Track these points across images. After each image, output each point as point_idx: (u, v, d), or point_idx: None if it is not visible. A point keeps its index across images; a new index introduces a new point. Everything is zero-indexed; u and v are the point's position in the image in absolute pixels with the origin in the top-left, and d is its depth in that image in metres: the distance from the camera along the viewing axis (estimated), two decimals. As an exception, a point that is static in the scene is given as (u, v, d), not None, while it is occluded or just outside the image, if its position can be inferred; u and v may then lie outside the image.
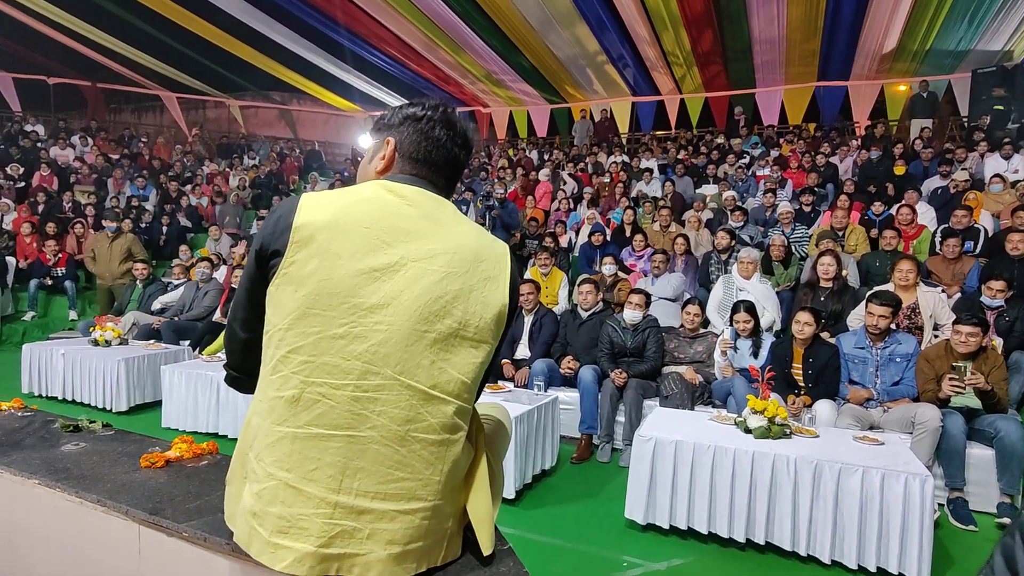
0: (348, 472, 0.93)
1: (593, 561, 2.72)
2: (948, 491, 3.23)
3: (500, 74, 12.71)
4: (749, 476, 2.74)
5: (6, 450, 1.66)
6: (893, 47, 10.17)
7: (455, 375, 0.99)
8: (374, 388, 0.94)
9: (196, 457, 1.63)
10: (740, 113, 12.26)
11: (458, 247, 1.02)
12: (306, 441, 0.93)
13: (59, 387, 5.01)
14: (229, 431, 4.17)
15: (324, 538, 0.92)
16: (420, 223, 1.01)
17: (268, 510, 0.94)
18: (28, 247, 8.12)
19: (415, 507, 0.97)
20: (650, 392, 4.15)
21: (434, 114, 1.11)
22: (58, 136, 12.32)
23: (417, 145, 1.10)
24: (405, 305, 0.95)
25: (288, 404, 0.94)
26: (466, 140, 1.15)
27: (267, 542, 0.94)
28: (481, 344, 1.03)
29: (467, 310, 1.00)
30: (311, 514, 0.93)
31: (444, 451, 0.99)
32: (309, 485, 0.93)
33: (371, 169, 1.13)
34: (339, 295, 0.93)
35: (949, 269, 5.14)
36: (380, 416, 0.94)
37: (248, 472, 1.00)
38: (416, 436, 0.96)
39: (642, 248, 6.52)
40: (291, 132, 17.02)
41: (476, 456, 1.11)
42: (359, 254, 0.95)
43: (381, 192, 1.03)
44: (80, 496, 1.40)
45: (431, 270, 0.98)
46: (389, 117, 1.14)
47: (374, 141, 1.15)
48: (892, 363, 3.66)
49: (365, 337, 0.94)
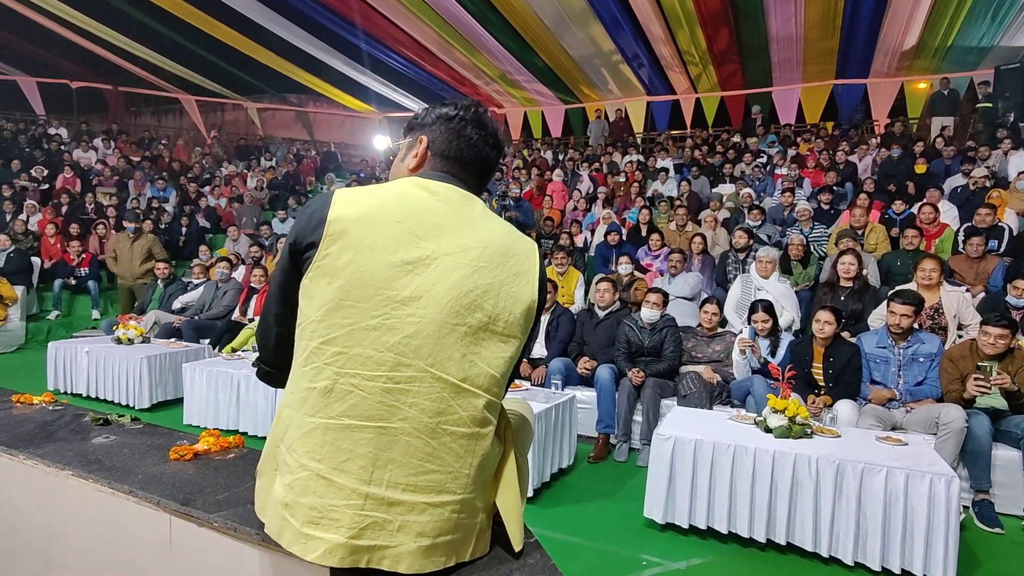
0: (379, 463, 0.94)
1: (612, 559, 2.72)
2: (973, 493, 3.18)
3: (515, 74, 12.73)
4: (770, 476, 2.72)
5: (39, 442, 1.70)
6: (913, 44, 10.03)
7: (485, 369, 1.00)
8: (406, 380, 0.95)
9: (223, 450, 1.66)
10: (757, 112, 12.16)
11: (488, 242, 1.03)
12: (338, 432, 0.94)
13: (84, 384, 5.11)
14: (249, 428, 4.22)
15: (355, 529, 0.93)
16: (451, 218, 1.03)
17: (300, 500, 0.95)
18: (52, 248, 8.28)
19: (445, 500, 0.97)
20: (668, 391, 4.13)
21: (466, 114, 1.13)
22: (80, 139, 12.56)
23: (449, 143, 1.11)
24: (437, 298, 0.96)
25: (321, 395, 0.95)
26: (497, 140, 1.17)
27: (298, 532, 0.95)
28: (510, 339, 1.04)
29: (497, 304, 1.01)
30: (342, 505, 0.93)
31: (474, 445, 1.00)
32: (340, 476, 0.94)
33: (404, 167, 1.15)
34: (372, 287, 0.95)
35: (973, 268, 5.06)
36: (412, 408, 0.95)
37: (279, 464, 1.00)
38: (446, 429, 0.97)
39: (658, 248, 6.50)
40: (307, 134, 17.19)
41: (505, 451, 1.12)
42: (392, 247, 0.96)
43: (413, 188, 1.04)
44: (112, 487, 1.43)
45: (462, 264, 0.99)
46: (423, 116, 1.16)
47: (407, 140, 1.17)
48: (915, 363, 3.61)
49: (398, 329, 0.95)
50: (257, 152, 14.33)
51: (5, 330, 7.01)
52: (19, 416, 1.97)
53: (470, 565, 1.04)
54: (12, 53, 13.14)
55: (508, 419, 1.19)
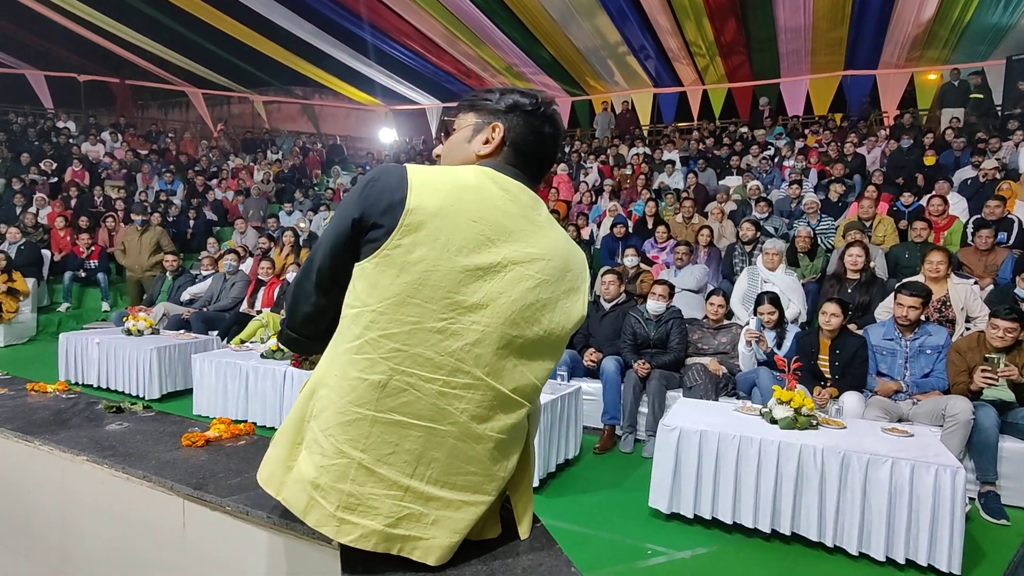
0: (423, 461, 0.95)
1: (617, 549, 2.74)
2: (979, 485, 3.17)
3: (521, 67, 12.69)
4: (775, 466, 2.73)
5: (55, 429, 1.73)
6: (924, 34, 9.92)
7: (531, 379, 1.01)
8: (461, 386, 0.95)
9: (234, 437, 1.68)
10: (765, 104, 12.07)
11: (552, 254, 1.02)
12: (386, 426, 0.94)
13: (95, 375, 5.16)
14: (258, 418, 4.26)
15: (392, 519, 0.95)
16: (520, 223, 1.01)
17: (336, 486, 0.95)
18: (62, 240, 8.35)
19: (479, 500, 1.00)
20: (673, 383, 4.14)
21: (546, 109, 1.11)
22: (89, 132, 12.63)
23: (525, 138, 1.09)
24: (502, 308, 0.96)
25: (372, 388, 0.94)
26: (560, 139, 1.16)
27: (331, 515, 0.95)
28: (557, 352, 1.05)
29: (552, 320, 1.02)
30: (382, 495, 0.95)
31: (510, 450, 1.03)
32: (383, 468, 0.95)
33: (470, 150, 1.10)
34: (442, 288, 0.93)
35: (982, 261, 5.03)
36: (462, 413, 0.96)
37: (307, 441, 0.99)
38: (490, 435, 0.98)
39: (665, 240, 6.49)
40: (313, 127, 17.21)
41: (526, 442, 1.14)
42: (466, 249, 0.94)
43: (487, 182, 1.02)
44: (127, 472, 1.46)
45: (528, 275, 0.98)
46: (495, 100, 1.11)
47: (475, 120, 1.11)
48: (922, 355, 3.60)
49: (461, 335, 0.94)
50: (263, 145, 14.38)
51: (17, 322, 7.09)
52: (34, 404, 2.00)
53: (478, 546, 1.06)
54: (19, 47, 13.21)
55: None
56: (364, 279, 0.95)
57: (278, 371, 4.17)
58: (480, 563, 1.01)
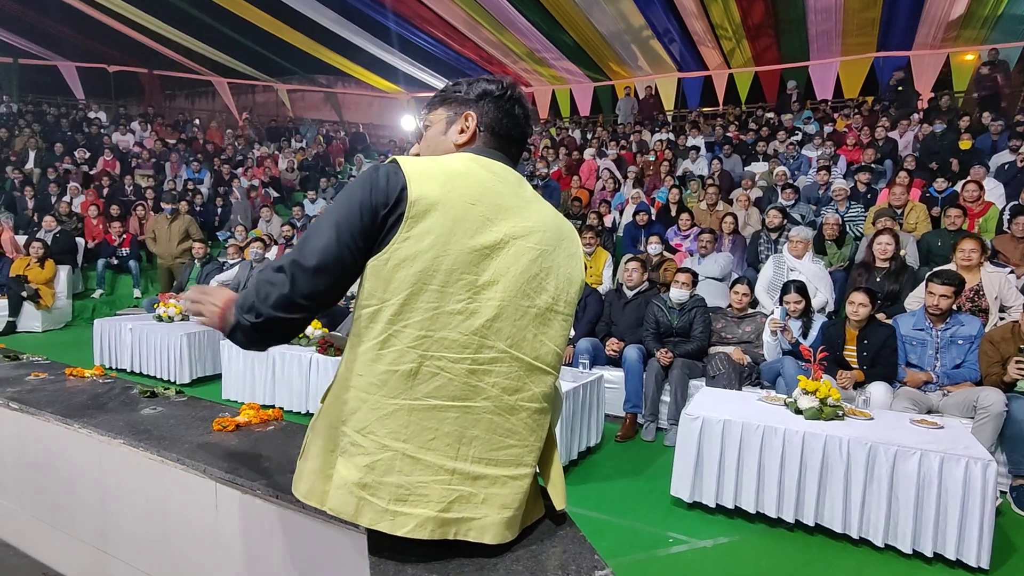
0: (464, 440, 0.98)
1: (638, 536, 2.75)
2: (1011, 478, 3.11)
3: (542, 52, 12.57)
4: (799, 457, 2.70)
5: (92, 412, 1.80)
6: (961, 13, 9.56)
7: (552, 347, 1.07)
8: (488, 361, 0.99)
9: (263, 423, 1.73)
10: (793, 88, 11.77)
11: (546, 225, 1.08)
12: (423, 412, 0.97)
13: (128, 360, 5.32)
14: (285, 403, 4.35)
15: (444, 503, 0.97)
16: (512, 200, 1.06)
17: (384, 480, 0.97)
18: (95, 229, 8.57)
19: (523, 472, 1.03)
20: (696, 372, 4.11)
21: (513, 92, 1.15)
22: (118, 122, 12.88)
23: (499, 122, 1.13)
24: (512, 281, 1.01)
25: (404, 377, 0.96)
26: (531, 118, 1.21)
27: (384, 510, 0.97)
28: (569, 317, 1.11)
29: (558, 286, 1.07)
30: (430, 481, 0.97)
31: (543, 418, 1.07)
32: (427, 454, 0.97)
33: (448, 141, 1.14)
34: (455, 272, 0.97)
35: (1018, 248, 4.87)
36: (494, 387, 1.00)
37: (343, 446, 0.99)
38: (523, 405, 1.03)
39: (688, 227, 6.41)
40: (336, 115, 17.32)
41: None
42: (470, 231, 0.98)
43: (474, 166, 1.06)
44: (161, 455, 1.51)
45: (528, 247, 1.04)
46: (464, 91, 1.15)
47: (446, 113, 1.15)
48: (954, 345, 3.52)
49: (480, 313, 0.98)
50: (288, 133, 14.51)
51: (55, 308, 7.33)
52: (72, 388, 2.07)
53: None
54: (51, 39, 13.50)
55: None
56: (376, 276, 0.96)
57: (304, 357, 4.25)
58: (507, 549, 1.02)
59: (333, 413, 1.01)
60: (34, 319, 7.13)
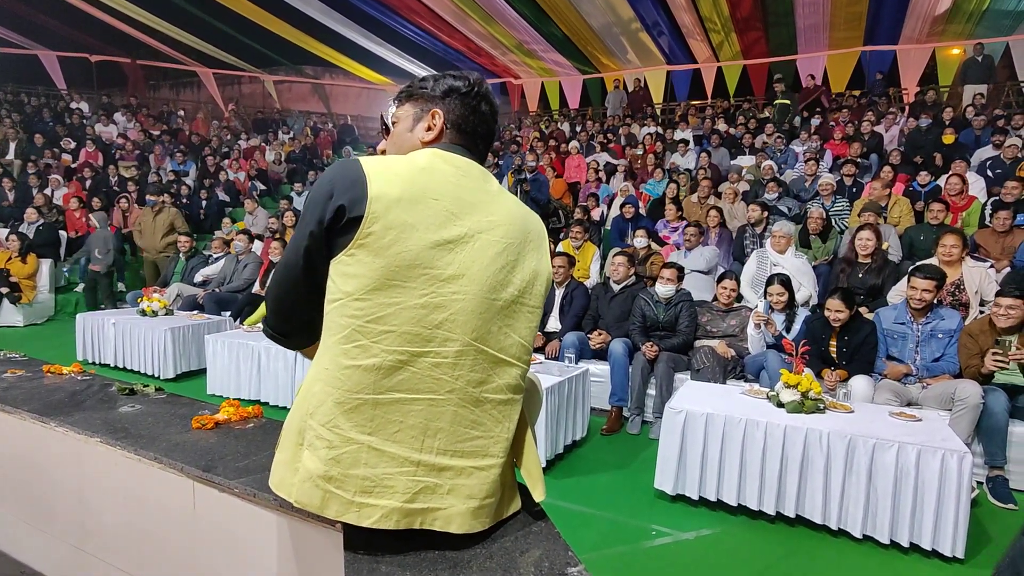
0: (429, 432, 0.99)
1: (622, 529, 2.77)
2: (988, 469, 3.16)
3: (531, 44, 12.51)
4: (780, 450, 2.74)
5: (69, 410, 1.78)
6: (947, 8, 9.63)
7: (517, 339, 1.08)
8: (453, 355, 1.00)
9: (243, 420, 1.72)
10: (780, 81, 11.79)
11: (510, 219, 1.09)
12: (388, 406, 0.98)
13: (111, 355, 5.26)
14: (270, 398, 4.34)
15: (409, 494, 0.98)
16: (477, 195, 1.06)
17: (349, 473, 0.98)
18: (77, 221, 8.45)
19: (488, 463, 1.04)
20: (681, 366, 4.14)
21: (479, 89, 1.15)
22: (101, 113, 12.69)
23: (466, 119, 1.14)
24: (476, 275, 1.01)
25: (367, 372, 0.97)
26: (497, 114, 1.21)
27: (350, 502, 0.98)
28: (536, 310, 1.12)
29: (523, 279, 1.08)
30: (395, 472, 0.98)
31: (510, 410, 1.08)
32: (392, 446, 0.98)
33: (414, 138, 1.14)
34: (418, 266, 0.97)
35: (999, 242, 4.94)
36: (458, 380, 1.00)
37: (309, 440, 1.00)
38: (488, 397, 1.04)
39: (676, 220, 6.43)
40: (324, 106, 17.15)
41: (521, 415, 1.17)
42: (433, 226, 0.99)
43: (437, 162, 1.06)
44: (139, 454, 1.50)
45: (494, 241, 1.04)
46: (431, 87, 1.14)
47: (412, 110, 1.15)
48: (934, 339, 3.57)
49: (444, 307, 0.99)
50: (275, 125, 14.37)
51: (37, 302, 7.23)
52: (50, 385, 2.05)
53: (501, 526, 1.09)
54: (32, 27, 13.23)
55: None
56: (341, 272, 0.99)
57: (288, 352, 4.23)
58: (481, 547, 1.03)
59: (303, 406, 1.03)
60: (15, 314, 7.04)
